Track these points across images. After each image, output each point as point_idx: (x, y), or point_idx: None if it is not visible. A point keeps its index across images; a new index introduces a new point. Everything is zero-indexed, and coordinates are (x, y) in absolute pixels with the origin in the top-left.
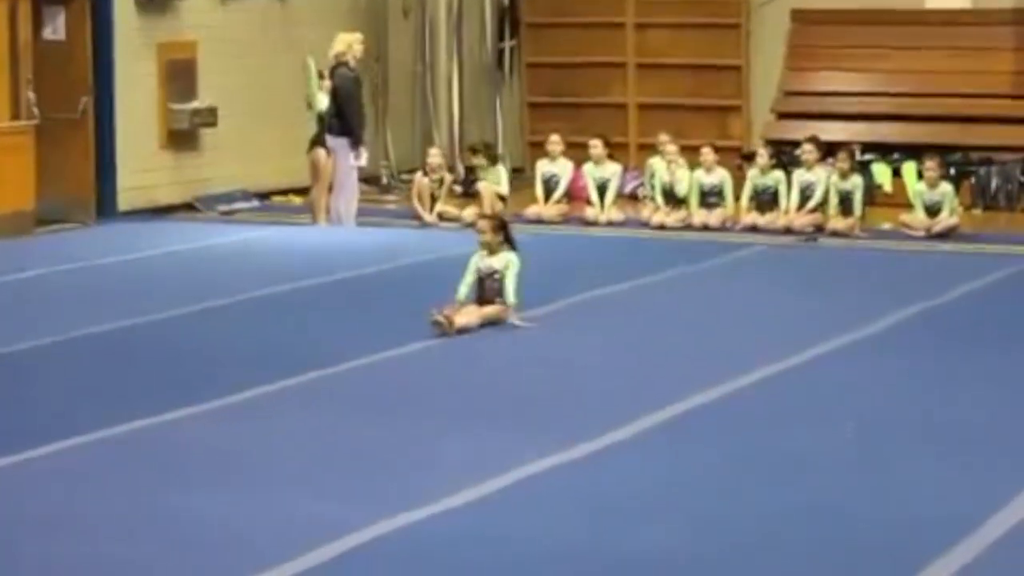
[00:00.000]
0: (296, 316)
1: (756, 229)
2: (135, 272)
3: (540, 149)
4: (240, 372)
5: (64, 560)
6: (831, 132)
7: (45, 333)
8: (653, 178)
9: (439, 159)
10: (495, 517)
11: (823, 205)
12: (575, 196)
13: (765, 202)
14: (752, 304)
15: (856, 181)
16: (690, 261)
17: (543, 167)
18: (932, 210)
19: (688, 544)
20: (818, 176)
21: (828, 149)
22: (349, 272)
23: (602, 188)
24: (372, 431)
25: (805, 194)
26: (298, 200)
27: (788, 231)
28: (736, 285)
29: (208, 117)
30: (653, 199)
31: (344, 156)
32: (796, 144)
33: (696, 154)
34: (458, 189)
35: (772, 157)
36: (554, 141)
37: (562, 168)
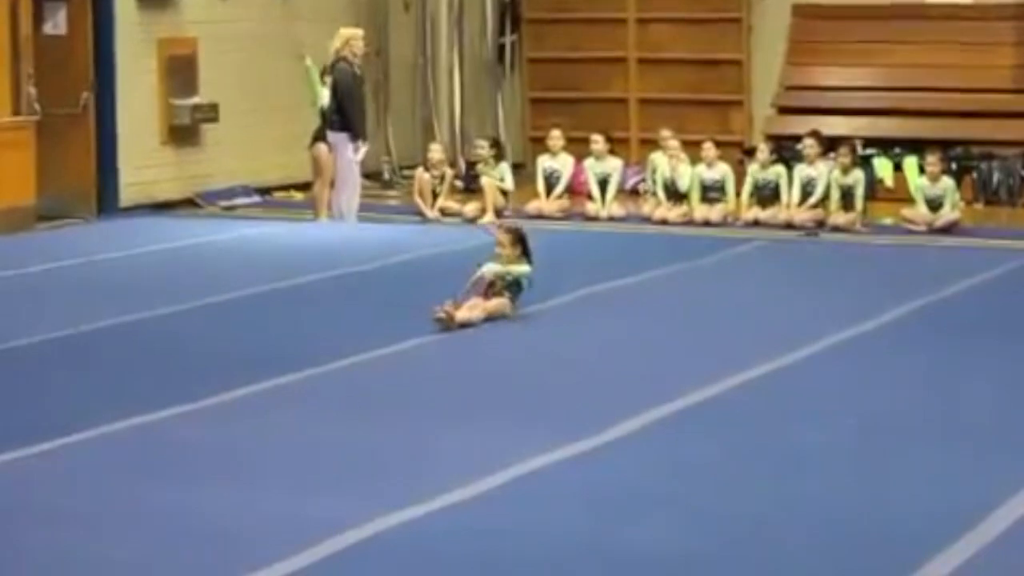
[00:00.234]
0: (297, 312)
1: (757, 224)
2: (136, 268)
3: (541, 144)
4: (240, 368)
5: (59, 556)
6: (832, 127)
7: (44, 330)
8: (655, 173)
9: (440, 155)
10: (494, 513)
11: (824, 200)
12: (576, 191)
13: (766, 197)
14: (753, 299)
15: (857, 176)
16: (691, 256)
17: (544, 162)
18: (933, 205)
19: (688, 540)
20: (819, 171)
21: (829, 144)
22: (350, 268)
23: (603, 183)
24: (371, 427)
25: (806, 189)
26: (299, 196)
27: (789, 226)
28: (737, 280)
29: (209, 113)
30: (654, 194)
31: (344, 151)
32: (797, 139)
33: (697, 149)
34: (459, 184)
35: (772, 152)
36: (555, 136)
37: (563, 163)
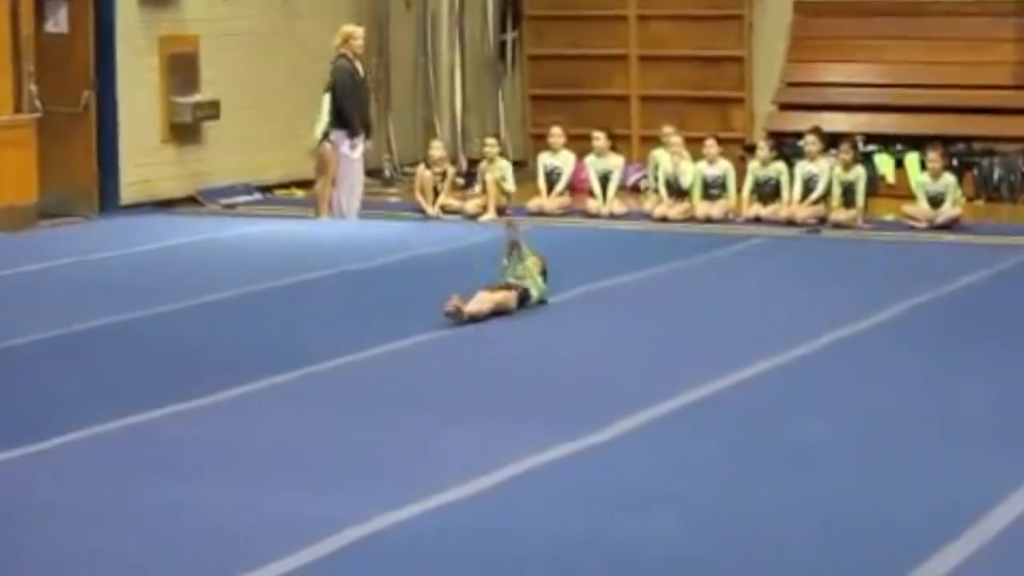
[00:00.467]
0: (296, 310)
1: (759, 221)
2: (137, 266)
3: (542, 141)
4: (238, 367)
5: (56, 555)
6: (834, 123)
7: (45, 327)
8: (657, 170)
9: (441, 152)
10: (492, 511)
11: (826, 196)
12: (577, 188)
13: (767, 194)
14: (754, 296)
15: (859, 172)
16: (692, 253)
17: (545, 159)
18: (935, 201)
19: (688, 537)
20: (821, 167)
21: (831, 140)
22: (351, 265)
23: (604, 180)
24: (370, 425)
25: (808, 185)
26: (300, 193)
27: (791, 223)
28: (738, 277)
29: (210, 110)
30: (656, 191)
31: (343, 149)
32: (799, 135)
33: (698, 146)
34: (460, 182)
35: (773, 149)
36: (556, 134)
37: (564, 160)
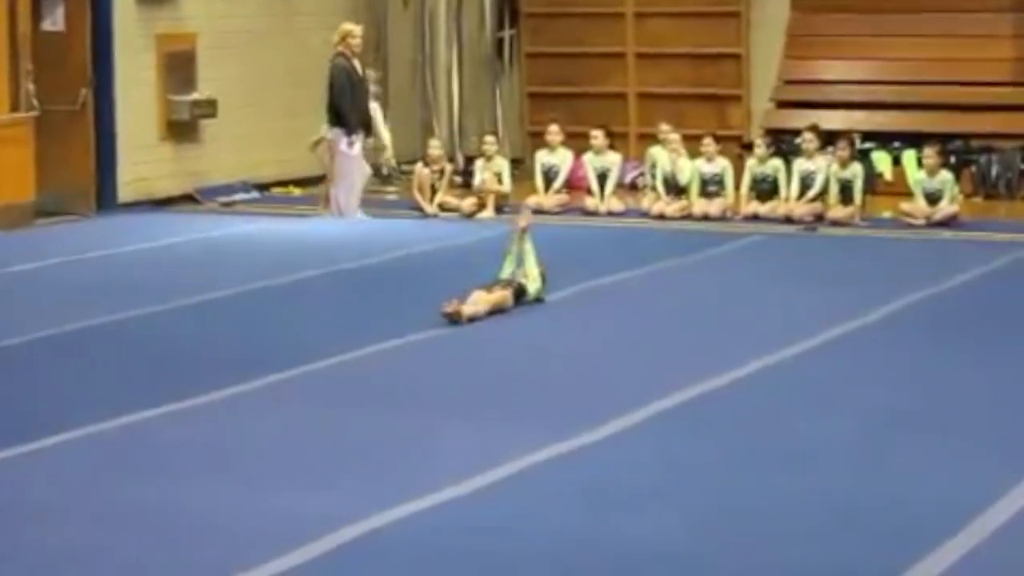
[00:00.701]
0: (296, 307)
1: (756, 218)
2: (134, 264)
3: (540, 139)
4: (235, 365)
5: (52, 554)
6: (831, 120)
7: (42, 326)
8: (655, 167)
9: (439, 150)
10: (490, 509)
11: (823, 194)
12: (574, 186)
13: (764, 191)
14: (752, 294)
15: (856, 170)
16: (690, 251)
17: (542, 157)
18: (932, 198)
19: (686, 535)
20: (818, 165)
21: (828, 138)
22: (349, 263)
23: (602, 178)
24: (367, 423)
25: (805, 183)
26: (298, 191)
27: (788, 220)
28: (736, 274)
29: (208, 108)
30: (654, 188)
31: (342, 146)
32: (796, 133)
33: (696, 143)
34: (458, 180)
35: (770, 146)
36: (553, 131)
37: (562, 158)
